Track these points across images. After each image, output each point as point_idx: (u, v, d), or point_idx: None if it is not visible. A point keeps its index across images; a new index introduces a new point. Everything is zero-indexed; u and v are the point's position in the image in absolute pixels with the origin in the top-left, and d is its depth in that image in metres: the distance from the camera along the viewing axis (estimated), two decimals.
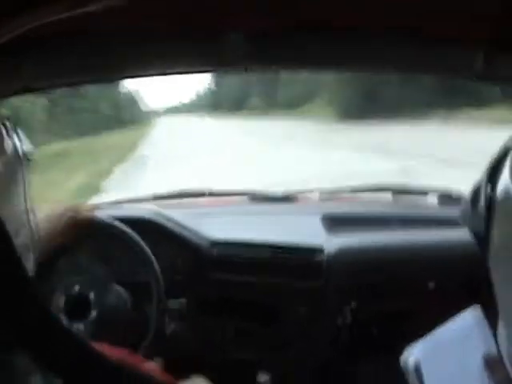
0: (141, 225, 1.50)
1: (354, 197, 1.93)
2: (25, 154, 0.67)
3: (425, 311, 0.86)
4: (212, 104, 42.20)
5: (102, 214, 1.48)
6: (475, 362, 0.77)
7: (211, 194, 1.89)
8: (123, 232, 1.43)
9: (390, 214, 1.71)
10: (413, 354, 0.79)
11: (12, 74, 0.85)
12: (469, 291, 1.46)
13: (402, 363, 0.80)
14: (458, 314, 0.84)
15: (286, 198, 1.89)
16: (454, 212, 1.71)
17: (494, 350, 0.79)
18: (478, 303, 0.87)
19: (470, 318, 0.79)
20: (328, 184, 2.23)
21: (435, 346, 0.79)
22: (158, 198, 1.88)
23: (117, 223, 1.44)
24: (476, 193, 0.67)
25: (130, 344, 1.18)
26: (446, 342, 0.79)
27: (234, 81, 32.04)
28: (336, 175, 6.09)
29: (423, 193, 1.84)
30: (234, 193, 2.02)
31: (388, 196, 1.87)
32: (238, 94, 33.89)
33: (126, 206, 1.80)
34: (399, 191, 1.86)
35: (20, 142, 0.68)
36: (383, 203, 1.85)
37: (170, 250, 1.55)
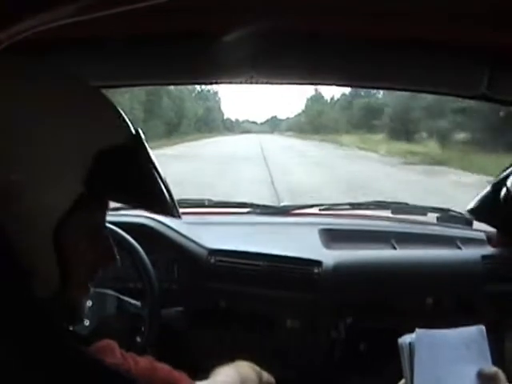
0: (139, 231, 1.50)
1: (353, 212, 1.92)
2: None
3: (422, 327, 0.86)
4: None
5: None
6: (469, 372, 0.79)
7: (211, 204, 1.89)
8: (121, 237, 1.43)
9: (388, 230, 1.71)
10: (411, 338, 0.81)
11: None
12: (466, 308, 1.46)
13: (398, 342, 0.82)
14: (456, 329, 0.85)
15: (285, 211, 1.89)
16: (452, 230, 1.72)
17: (489, 367, 0.80)
18: (475, 319, 0.87)
19: (475, 333, 0.81)
20: None
21: (434, 340, 0.81)
22: None
23: (115, 228, 1.43)
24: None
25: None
26: (445, 342, 0.81)
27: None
28: None
29: (422, 211, 1.84)
30: (233, 204, 2.02)
31: (387, 213, 1.87)
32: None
33: (125, 211, 1.79)
34: (398, 208, 1.86)
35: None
36: (382, 219, 1.85)
37: (168, 258, 1.54)
